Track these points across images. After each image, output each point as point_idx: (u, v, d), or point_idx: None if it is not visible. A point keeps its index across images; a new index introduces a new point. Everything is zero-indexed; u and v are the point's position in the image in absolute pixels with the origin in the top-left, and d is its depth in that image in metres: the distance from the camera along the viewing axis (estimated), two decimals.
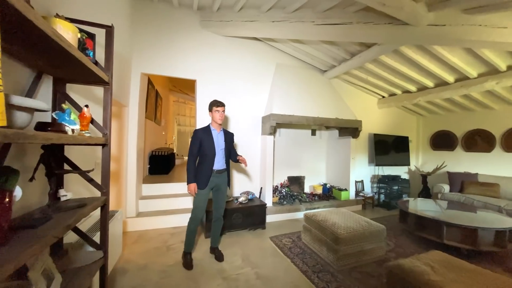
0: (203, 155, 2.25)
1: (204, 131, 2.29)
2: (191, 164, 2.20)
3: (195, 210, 2.24)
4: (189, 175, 2.18)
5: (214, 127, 2.34)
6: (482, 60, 3.07)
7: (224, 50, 3.70)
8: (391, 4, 2.11)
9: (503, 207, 3.47)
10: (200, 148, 2.24)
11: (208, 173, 2.24)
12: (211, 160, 2.25)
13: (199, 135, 2.24)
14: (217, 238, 2.49)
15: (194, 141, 2.23)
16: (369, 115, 5.10)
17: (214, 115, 2.28)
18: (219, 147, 2.31)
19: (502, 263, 2.44)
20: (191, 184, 2.17)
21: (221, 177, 2.35)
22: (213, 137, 2.29)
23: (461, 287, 1.34)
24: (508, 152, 4.24)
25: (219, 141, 2.32)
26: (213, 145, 2.26)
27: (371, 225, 2.46)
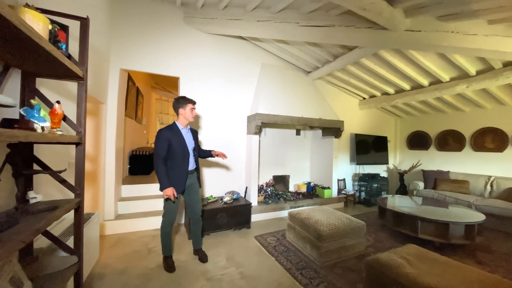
0: (174, 156, 2.08)
1: (171, 130, 2.11)
2: (162, 167, 2.02)
3: (169, 214, 2.13)
4: (163, 180, 2.00)
5: (182, 126, 2.19)
6: (453, 65, 3.28)
7: (209, 47, 3.65)
8: (371, 9, 2.19)
9: (472, 203, 3.73)
10: (169, 150, 2.06)
11: (184, 175, 2.14)
12: (185, 161, 2.14)
13: (166, 136, 2.05)
14: (199, 239, 2.42)
15: (161, 142, 2.03)
16: (350, 116, 5.27)
17: (189, 112, 2.16)
18: (191, 146, 2.22)
19: (471, 255, 2.63)
20: (169, 188, 2.00)
21: (193, 177, 2.27)
22: (183, 136, 2.16)
23: (433, 278, 1.42)
24: (476, 151, 4.58)
25: (189, 140, 2.21)
26: (185, 145, 2.14)
27: (352, 221, 2.54)
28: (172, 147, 2.06)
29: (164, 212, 2.15)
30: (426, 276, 1.43)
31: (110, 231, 2.88)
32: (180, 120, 2.19)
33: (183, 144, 2.12)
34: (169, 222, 2.15)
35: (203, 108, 3.58)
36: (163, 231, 2.16)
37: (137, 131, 5.10)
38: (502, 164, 4.21)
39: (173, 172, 2.08)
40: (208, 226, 2.91)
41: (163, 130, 2.09)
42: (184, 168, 2.13)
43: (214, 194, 3.62)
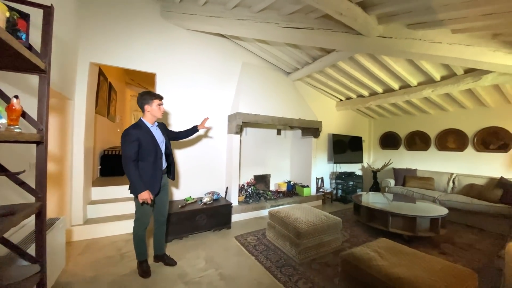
0: (146, 157, 1.93)
1: (139, 129, 1.94)
2: (134, 170, 1.85)
3: (142, 217, 2.01)
4: (137, 183, 1.85)
5: (150, 123, 2.03)
6: (421, 70, 3.54)
7: (188, 44, 3.55)
8: (347, 14, 2.28)
9: (436, 198, 4.06)
10: (139, 150, 1.90)
11: (159, 175, 2.01)
12: (159, 161, 2.01)
13: (135, 136, 1.88)
14: (163, 244, 2.28)
15: (130, 143, 1.85)
16: (328, 117, 5.46)
17: (157, 108, 2.01)
18: (163, 144, 2.09)
19: (436, 246, 2.85)
20: (144, 192, 1.86)
21: (165, 176, 2.17)
22: (153, 134, 2.01)
23: (401, 269, 1.52)
24: (440, 150, 4.99)
25: (159, 138, 2.07)
26: (155, 143, 1.99)
27: (329, 218, 2.64)
28: (142, 147, 1.90)
29: (137, 216, 2.02)
30: (395, 267, 1.53)
31: (78, 236, 2.68)
32: (147, 117, 2.02)
33: (155, 142, 1.98)
34: (143, 226, 2.03)
35: (182, 106, 3.47)
36: (136, 235, 2.04)
37: (109, 130, 4.81)
38: (462, 162, 4.64)
39: (147, 174, 1.93)
40: (187, 228, 2.83)
41: (130, 129, 1.91)
42: (158, 168, 2.00)
43: (194, 195, 3.54)
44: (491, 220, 3.46)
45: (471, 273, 1.55)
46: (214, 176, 3.79)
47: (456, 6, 2.04)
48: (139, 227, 2.03)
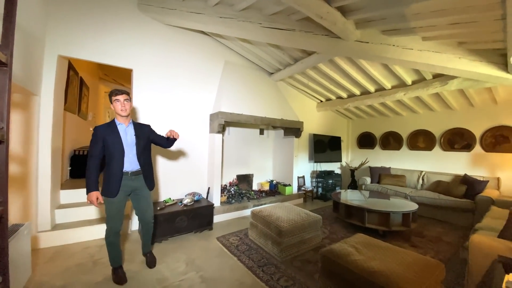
0: (109, 155, 1.89)
1: (107, 127, 1.91)
2: (92, 168, 1.81)
3: (110, 221, 1.92)
4: (88, 182, 1.79)
5: (120, 121, 1.96)
6: (394, 74, 3.75)
7: (168, 40, 3.43)
8: (327, 18, 2.34)
9: (408, 194, 4.33)
10: (103, 148, 1.88)
11: (118, 176, 1.90)
12: (120, 161, 1.90)
13: (100, 133, 1.86)
14: (148, 244, 2.28)
15: (95, 140, 1.85)
16: (309, 117, 5.60)
17: (115, 106, 1.90)
18: (129, 144, 1.96)
19: (408, 239, 3.04)
20: (92, 192, 1.78)
21: (139, 179, 2.03)
22: (119, 133, 1.93)
23: (376, 262, 1.60)
24: (411, 150, 5.34)
25: (127, 137, 1.96)
26: (120, 142, 1.91)
27: (309, 216, 2.70)
28: (107, 145, 1.86)
29: (106, 219, 1.94)
30: (370, 261, 1.60)
31: (46, 243, 2.47)
32: (117, 116, 1.97)
33: (118, 141, 1.90)
34: (112, 230, 1.92)
35: (161, 104, 3.35)
36: (106, 240, 1.95)
37: (80, 128, 4.50)
38: (431, 161, 5.00)
39: (108, 173, 1.89)
40: (166, 231, 2.74)
41: (98, 126, 1.91)
42: (119, 169, 1.89)
43: (174, 196, 3.43)
44: (456, 214, 3.78)
45: (439, 264, 1.67)
46: (195, 177, 3.71)
47: (426, 15, 2.19)
48: (108, 231, 1.94)
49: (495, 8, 1.85)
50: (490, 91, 3.76)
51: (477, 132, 4.36)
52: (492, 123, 4.18)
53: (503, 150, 4.04)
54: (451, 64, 2.67)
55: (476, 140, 4.37)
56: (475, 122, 4.39)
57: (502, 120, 4.07)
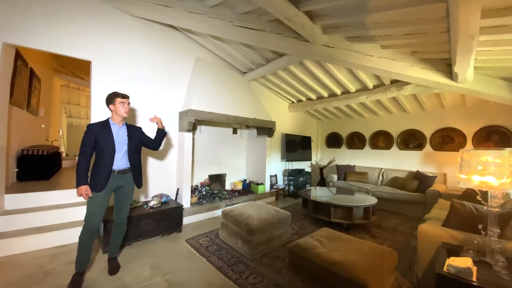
0: (100, 153, 1.95)
1: (100, 126, 1.99)
2: (83, 163, 1.88)
3: (89, 217, 1.89)
4: (78, 176, 1.86)
5: (115, 122, 2.05)
6: (358, 79, 4.03)
7: (133, 32, 3.22)
8: (295, 21, 2.42)
9: (369, 190, 4.69)
10: (95, 146, 1.93)
11: (106, 173, 1.95)
12: (110, 159, 1.97)
13: (93, 131, 1.93)
14: (116, 247, 2.20)
15: (87, 137, 1.91)
16: (281, 117, 5.74)
17: (119, 107, 2.00)
18: (121, 144, 2.04)
19: (368, 231, 3.29)
20: (82, 186, 1.84)
21: (125, 177, 2.09)
22: (112, 133, 2.00)
23: (338, 254, 1.71)
24: (373, 149, 5.80)
25: (120, 138, 2.04)
26: (112, 142, 1.98)
27: (279, 213, 2.77)
28: (98, 143, 1.93)
29: (85, 216, 1.91)
30: (333, 253, 1.70)
31: None
32: (113, 117, 2.05)
33: (110, 140, 1.97)
34: (88, 228, 1.89)
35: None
36: (80, 239, 1.88)
37: (30, 125, 4.00)
38: (389, 159, 5.48)
39: (97, 169, 1.94)
40: (130, 236, 2.57)
41: (92, 124, 1.99)
42: (108, 166, 1.95)
43: (141, 198, 3.24)
44: (410, 206, 4.20)
45: (392, 252, 1.84)
46: (164, 178, 3.54)
47: (384, 25, 2.38)
48: (84, 230, 1.89)
49: (441, 22, 2.08)
50: (438, 96, 4.25)
51: (428, 133, 4.89)
52: (440, 125, 4.73)
53: (449, 149, 4.59)
54: (405, 71, 2.95)
55: (427, 140, 4.90)
56: (426, 124, 4.92)
57: (448, 122, 4.63)
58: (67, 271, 2.01)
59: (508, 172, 1.37)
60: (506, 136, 3.93)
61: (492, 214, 1.45)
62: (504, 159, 1.39)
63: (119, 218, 2.15)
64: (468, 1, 1.53)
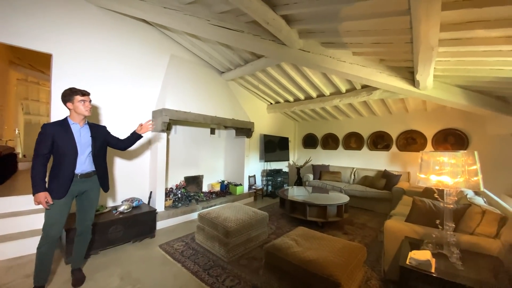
0: (59, 156, 1.78)
1: (58, 126, 1.81)
2: (39, 167, 1.71)
3: (48, 227, 1.73)
4: (35, 182, 1.68)
5: (75, 121, 1.87)
6: (332, 83, 4.20)
7: (101, 25, 3.00)
8: (273, 24, 2.45)
9: (342, 188, 4.92)
10: (53, 148, 1.76)
11: (68, 178, 1.79)
12: (71, 162, 1.81)
13: (50, 131, 1.75)
14: (81, 257, 2.04)
15: (43, 139, 1.73)
16: (260, 118, 5.78)
17: (79, 106, 1.83)
18: (84, 146, 1.89)
19: (341, 228, 3.45)
20: (40, 193, 1.67)
21: (89, 181, 1.94)
22: (73, 133, 1.83)
23: (312, 252, 1.76)
24: (346, 149, 6.10)
25: (82, 138, 1.89)
26: (73, 144, 1.82)
27: (257, 214, 2.78)
28: (56, 145, 1.75)
29: (44, 225, 1.75)
30: (307, 251, 1.75)
31: None
32: (72, 115, 1.87)
33: (72, 142, 1.81)
34: (48, 239, 1.73)
35: (93, 98, 2.91)
36: (38, 250, 1.71)
37: None
38: (360, 159, 5.80)
39: (57, 174, 1.77)
40: (96, 244, 2.39)
41: (48, 124, 1.80)
42: (70, 170, 1.80)
43: (110, 203, 3.03)
44: (379, 203, 4.48)
45: (361, 247, 1.95)
46: (135, 180, 3.35)
47: (355, 33, 2.51)
48: (44, 240, 1.73)
49: (405, 33, 2.25)
50: (403, 101, 4.60)
51: (394, 135, 5.28)
52: (404, 128, 5.12)
53: (412, 150, 4.99)
54: (374, 77, 3.13)
55: (393, 142, 5.28)
56: (392, 127, 5.30)
57: (411, 125, 5.04)
58: (25, 285, 1.83)
59: (461, 172, 1.53)
60: (460, 138, 4.39)
61: (447, 210, 1.60)
62: (458, 160, 1.55)
63: (83, 225, 1.98)
64: (428, 16, 1.68)
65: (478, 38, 2.01)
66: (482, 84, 3.02)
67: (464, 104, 3.28)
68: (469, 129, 4.31)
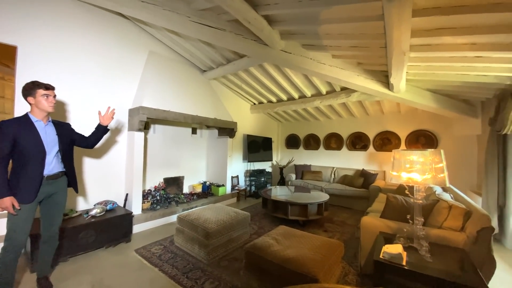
0: (23, 156, 1.63)
1: (19, 123, 1.64)
2: (1, 170, 1.55)
3: (12, 234, 1.60)
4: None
5: (38, 118, 1.72)
6: (313, 84, 4.29)
7: (72, 17, 2.80)
8: (254, 24, 2.45)
9: (323, 187, 5.04)
10: (15, 148, 1.60)
11: (36, 180, 1.66)
12: (39, 163, 1.67)
13: (9, 130, 1.58)
14: (47, 265, 1.89)
15: (3, 138, 1.57)
16: (243, 118, 5.75)
17: (41, 101, 1.68)
18: (50, 145, 1.74)
19: (321, 225, 3.52)
20: (5, 198, 1.53)
21: (57, 183, 1.81)
22: (38, 132, 1.68)
23: (292, 250, 1.78)
24: (326, 150, 6.28)
25: (48, 137, 1.74)
26: (40, 143, 1.67)
27: (238, 214, 2.75)
28: (19, 145, 1.60)
29: (7, 233, 1.61)
30: (287, 250, 1.76)
31: None
32: (34, 112, 1.71)
33: (37, 141, 1.66)
34: (12, 247, 1.60)
35: (60, 94, 2.71)
36: (3, 260, 1.57)
37: None
38: (340, 159, 5.99)
39: (23, 177, 1.62)
40: (65, 250, 2.23)
41: (7, 121, 1.61)
42: (36, 172, 1.66)
43: (82, 207, 2.84)
44: (357, 201, 4.65)
45: (339, 244, 2.00)
46: (109, 182, 3.16)
47: (334, 36, 2.58)
48: (8, 248, 1.60)
49: (380, 38, 2.35)
50: (379, 103, 4.82)
51: (371, 136, 5.52)
52: (381, 129, 5.38)
53: (387, 150, 5.25)
54: (352, 80, 3.25)
55: (370, 142, 5.52)
56: (370, 128, 5.54)
57: (387, 126, 5.30)
58: None
59: (429, 169, 1.62)
60: (431, 139, 4.69)
61: (417, 205, 1.69)
62: (426, 158, 1.65)
63: (49, 231, 1.83)
64: (400, 21, 1.77)
65: (446, 44, 2.15)
66: (450, 88, 3.26)
67: (433, 106, 3.51)
68: (438, 130, 4.62)
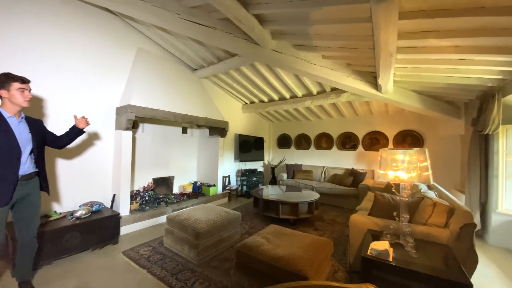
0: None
1: None
2: None
3: None
4: None
5: (10, 113, 1.59)
6: (304, 85, 4.33)
7: (57, 11, 2.71)
8: (245, 23, 2.44)
9: (314, 186, 5.10)
10: None
11: (12, 181, 1.56)
12: (14, 163, 1.56)
13: None
14: (28, 269, 1.80)
15: None
16: (235, 118, 5.73)
17: (15, 95, 1.56)
18: (24, 143, 1.63)
19: (312, 224, 3.56)
20: None
21: (30, 184, 1.70)
22: (11, 129, 1.57)
23: (283, 249, 1.78)
24: (317, 149, 6.35)
25: (21, 135, 1.63)
26: (14, 140, 1.57)
27: (229, 214, 2.73)
28: None
29: None
30: (277, 249, 1.77)
31: None
32: (6, 107, 1.58)
33: (11, 139, 1.54)
34: None
35: (43, 91, 2.60)
36: None
37: None
38: (330, 158, 6.09)
39: None
40: (48, 253, 2.14)
41: None
42: (11, 173, 1.55)
43: (66, 208, 2.74)
44: (347, 199, 4.73)
45: (328, 241, 2.03)
46: (95, 183, 3.06)
47: (324, 37, 2.61)
48: None
49: (368, 39, 2.39)
50: (368, 104, 4.92)
51: (360, 135, 5.63)
52: (369, 129, 5.50)
53: (376, 149, 5.37)
54: (342, 81, 3.30)
55: (360, 142, 5.64)
56: (359, 128, 5.65)
57: (375, 126, 5.42)
58: None
59: (414, 168, 1.67)
60: (417, 138, 4.84)
61: (403, 203, 1.74)
62: (411, 157, 1.70)
63: (26, 235, 1.73)
64: (387, 23, 1.81)
65: (431, 47, 2.22)
66: (435, 90, 3.37)
67: (419, 107, 3.62)
68: (424, 130, 4.77)
